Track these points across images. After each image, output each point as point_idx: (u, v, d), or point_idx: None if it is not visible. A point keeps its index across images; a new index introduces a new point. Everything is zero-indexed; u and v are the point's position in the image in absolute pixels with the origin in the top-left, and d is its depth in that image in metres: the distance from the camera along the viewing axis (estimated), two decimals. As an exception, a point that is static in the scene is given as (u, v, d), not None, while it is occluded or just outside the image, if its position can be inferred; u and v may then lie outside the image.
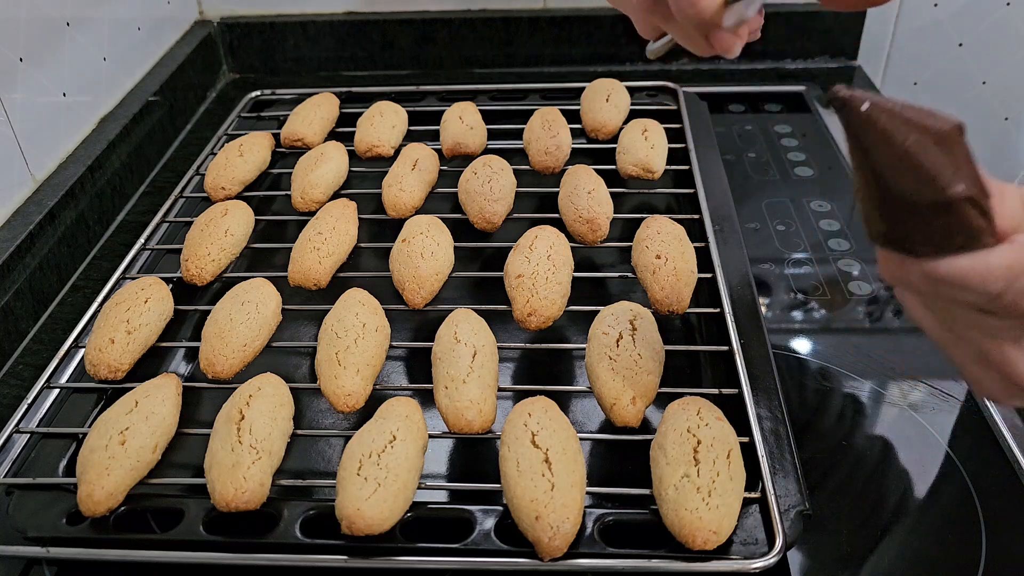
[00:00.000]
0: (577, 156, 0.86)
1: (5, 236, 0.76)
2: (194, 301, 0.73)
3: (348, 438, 0.54)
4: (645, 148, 0.81)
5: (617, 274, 0.72)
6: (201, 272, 0.71)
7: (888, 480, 0.59)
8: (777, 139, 1.00)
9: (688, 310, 0.65)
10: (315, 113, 0.92)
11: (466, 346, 0.59)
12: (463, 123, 0.88)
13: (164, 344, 0.67)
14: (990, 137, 1.21)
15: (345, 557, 0.50)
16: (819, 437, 0.62)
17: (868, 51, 1.16)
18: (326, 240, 0.72)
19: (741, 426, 0.55)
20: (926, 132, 0.32)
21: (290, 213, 0.81)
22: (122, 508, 0.53)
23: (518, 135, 0.88)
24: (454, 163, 0.86)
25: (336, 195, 0.82)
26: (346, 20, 1.16)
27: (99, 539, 0.52)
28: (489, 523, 0.52)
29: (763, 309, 0.71)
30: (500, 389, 0.59)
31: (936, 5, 1.13)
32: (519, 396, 0.59)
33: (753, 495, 0.52)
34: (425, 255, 0.69)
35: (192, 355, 0.71)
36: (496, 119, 0.92)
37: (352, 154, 0.87)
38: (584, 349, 0.61)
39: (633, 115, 0.91)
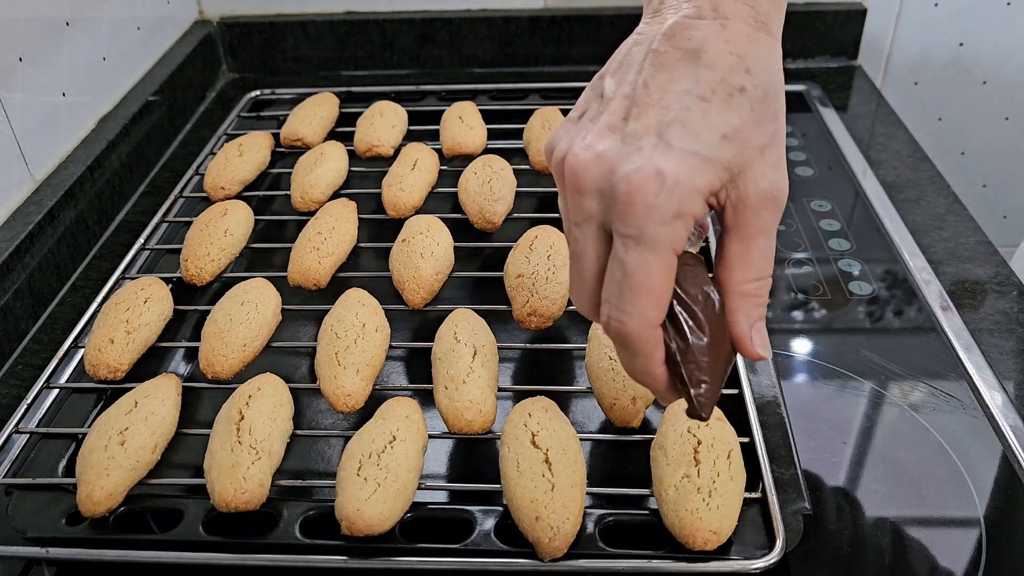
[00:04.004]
0: (577, 156, 0.86)
1: (5, 236, 0.76)
2: (194, 301, 0.73)
3: (348, 438, 0.54)
4: (645, 148, 0.81)
5: (617, 274, 0.72)
6: (201, 272, 0.71)
7: (888, 480, 0.59)
8: (777, 139, 1.00)
9: (688, 310, 0.64)
10: (315, 113, 0.92)
11: (466, 346, 0.59)
12: (463, 123, 0.88)
13: (164, 344, 0.67)
14: (990, 138, 1.21)
15: (345, 558, 0.50)
16: (819, 437, 0.62)
17: (868, 51, 1.16)
18: (326, 240, 0.72)
19: (741, 426, 0.55)
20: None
21: (290, 213, 0.81)
22: (121, 508, 0.53)
23: (518, 135, 0.88)
24: (454, 163, 0.86)
25: (336, 195, 0.82)
26: (346, 20, 1.16)
27: (98, 539, 0.52)
28: (489, 523, 0.52)
29: (763, 309, 0.71)
30: (500, 389, 0.59)
31: (936, 5, 1.13)
32: (519, 396, 0.59)
33: (753, 495, 0.51)
34: (425, 255, 0.69)
35: (192, 355, 0.71)
36: (496, 119, 0.91)
37: (352, 154, 0.87)
38: (584, 349, 0.61)
39: (633, 115, 0.91)
